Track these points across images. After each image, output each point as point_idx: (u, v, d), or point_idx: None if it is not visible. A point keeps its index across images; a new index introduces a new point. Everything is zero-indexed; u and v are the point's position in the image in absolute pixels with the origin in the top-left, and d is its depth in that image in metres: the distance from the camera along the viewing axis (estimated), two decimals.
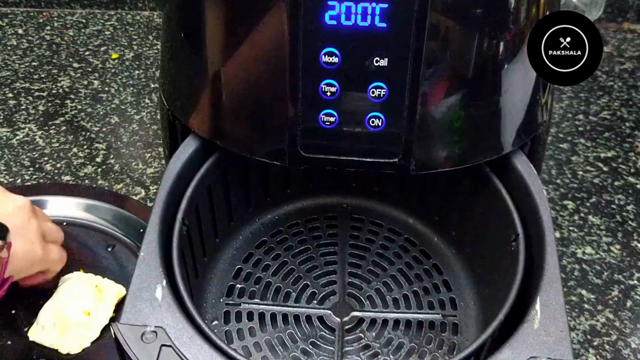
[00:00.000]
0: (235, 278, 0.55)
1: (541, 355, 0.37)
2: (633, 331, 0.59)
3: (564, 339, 0.38)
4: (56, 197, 0.66)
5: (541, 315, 0.40)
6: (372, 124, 0.44)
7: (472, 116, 0.45)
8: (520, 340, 0.38)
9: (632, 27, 1.03)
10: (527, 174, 0.48)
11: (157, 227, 0.43)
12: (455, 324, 0.52)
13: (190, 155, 0.48)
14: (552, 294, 0.41)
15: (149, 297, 0.39)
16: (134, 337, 0.37)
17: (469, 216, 0.55)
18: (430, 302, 0.54)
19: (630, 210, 0.72)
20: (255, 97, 0.45)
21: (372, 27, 0.41)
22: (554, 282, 0.41)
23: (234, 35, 0.45)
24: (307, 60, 0.42)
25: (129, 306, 0.39)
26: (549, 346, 0.38)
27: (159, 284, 0.40)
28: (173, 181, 0.47)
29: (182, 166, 0.48)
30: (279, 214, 0.60)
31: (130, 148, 0.78)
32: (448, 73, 0.43)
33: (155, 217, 0.44)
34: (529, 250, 0.45)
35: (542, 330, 0.39)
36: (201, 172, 0.49)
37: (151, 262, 0.41)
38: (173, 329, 0.38)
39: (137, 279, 0.40)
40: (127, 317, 0.38)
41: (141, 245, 0.42)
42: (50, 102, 0.85)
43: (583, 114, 0.86)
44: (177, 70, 0.50)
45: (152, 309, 0.39)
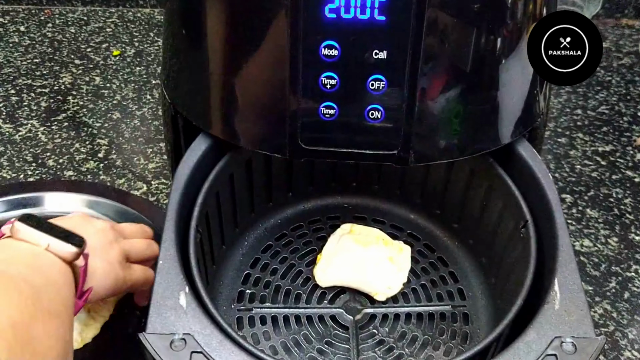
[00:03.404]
0: (245, 284, 0.55)
1: (565, 334, 0.38)
2: (630, 322, 0.60)
3: (584, 317, 0.39)
4: (58, 193, 0.67)
5: (560, 296, 0.40)
6: (372, 116, 0.44)
7: (470, 108, 0.46)
8: (543, 322, 0.39)
9: (630, 23, 1.03)
10: (531, 159, 0.48)
11: (172, 235, 0.43)
12: (466, 314, 0.53)
13: (199, 160, 0.49)
14: (569, 274, 0.42)
15: (173, 305, 0.39)
16: (163, 346, 0.37)
17: (471, 207, 0.55)
18: (439, 294, 0.55)
19: (628, 204, 0.72)
20: (256, 90, 0.46)
21: (371, 20, 0.41)
22: (569, 262, 0.42)
23: (234, 29, 0.45)
24: (307, 53, 0.42)
25: (154, 315, 0.39)
26: (571, 325, 0.39)
27: (181, 291, 0.40)
28: (183, 188, 0.47)
29: (190, 172, 0.48)
30: (282, 217, 0.60)
31: (132, 143, 0.78)
32: (446, 66, 0.44)
33: (170, 224, 0.44)
34: (538, 235, 0.45)
35: (563, 310, 0.40)
36: (210, 178, 0.49)
37: (171, 270, 0.41)
38: (201, 335, 0.38)
39: (159, 287, 0.40)
40: (154, 326, 0.38)
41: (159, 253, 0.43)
42: (52, 98, 0.86)
43: (581, 109, 0.87)
44: (179, 65, 0.51)
45: (178, 317, 0.39)
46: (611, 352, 0.57)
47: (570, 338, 0.38)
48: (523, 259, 0.45)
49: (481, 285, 0.55)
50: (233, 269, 0.56)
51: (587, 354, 0.38)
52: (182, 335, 0.38)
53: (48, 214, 0.64)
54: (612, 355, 0.57)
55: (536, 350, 0.38)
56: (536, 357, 0.38)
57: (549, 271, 0.43)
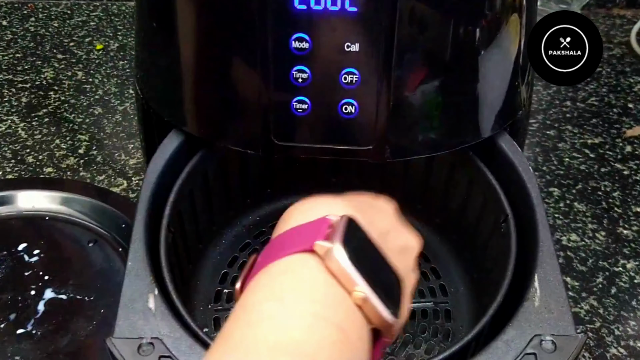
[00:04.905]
0: (222, 283, 0.54)
1: (544, 332, 0.37)
2: (617, 318, 0.59)
3: (565, 314, 0.39)
4: (37, 191, 0.66)
5: (540, 292, 0.40)
6: (345, 110, 0.43)
7: (447, 102, 0.44)
8: (523, 320, 0.38)
9: (621, 13, 1.02)
10: (511, 152, 0.47)
11: (142, 236, 0.42)
12: (448, 311, 0.52)
13: (171, 157, 0.47)
14: (549, 269, 0.41)
15: (141, 308, 0.38)
16: (130, 350, 0.36)
17: (452, 202, 0.54)
18: (421, 290, 0.54)
19: (616, 197, 0.71)
20: (227, 85, 0.45)
21: (342, 11, 0.40)
22: (549, 257, 0.41)
23: (204, 22, 0.44)
24: (277, 46, 0.41)
25: (122, 319, 0.37)
26: (551, 323, 0.38)
27: (150, 293, 0.39)
28: (154, 186, 0.45)
29: (162, 170, 0.46)
30: (260, 214, 0.59)
31: (113, 139, 0.77)
32: (421, 58, 0.42)
33: (140, 224, 0.43)
34: (519, 230, 0.45)
35: (543, 307, 0.39)
36: (182, 176, 0.48)
37: (140, 272, 0.40)
38: (170, 339, 0.37)
39: (127, 289, 0.39)
40: (121, 330, 0.37)
41: (128, 248, 0.41)
42: (33, 93, 0.84)
43: (571, 100, 0.85)
44: (150, 60, 0.49)
45: (147, 320, 0.37)
46: (597, 349, 0.56)
47: (550, 336, 0.37)
48: (504, 254, 0.45)
49: (464, 281, 0.54)
50: (210, 267, 0.55)
51: (567, 352, 0.37)
52: (150, 339, 0.37)
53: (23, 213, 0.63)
54: (597, 352, 0.56)
55: (515, 349, 0.37)
56: (515, 356, 0.37)
57: (529, 266, 0.42)
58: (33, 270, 0.59)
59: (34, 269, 0.59)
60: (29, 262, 0.60)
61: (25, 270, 0.59)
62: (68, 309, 0.56)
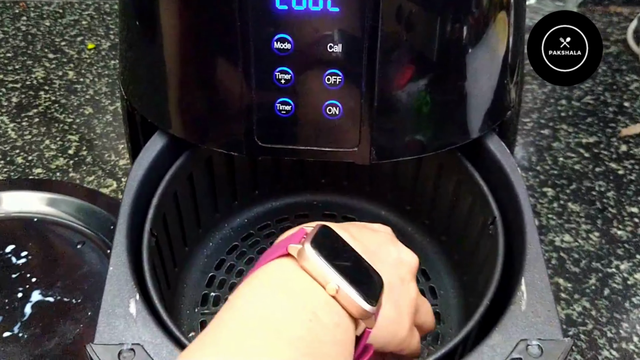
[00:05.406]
0: (209, 286, 0.53)
1: (531, 337, 0.37)
2: (610, 320, 0.58)
3: (552, 319, 0.38)
4: (26, 192, 0.65)
5: (527, 296, 0.39)
6: (329, 112, 0.42)
7: (433, 102, 0.44)
8: (509, 324, 0.38)
9: (618, 10, 1.01)
10: (499, 153, 0.47)
11: (124, 240, 0.41)
12: (437, 313, 0.52)
13: (154, 160, 0.46)
14: (537, 273, 0.40)
15: (122, 313, 0.37)
16: (111, 357, 0.35)
17: (441, 203, 0.54)
18: None
19: (611, 197, 0.70)
20: (211, 86, 0.44)
21: (324, 11, 0.39)
22: (537, 261, 0.41)
23: (186, 22, 0.43)
24: (259, 47, 0.40)
25: (103, 324, 0.37)
26: (538, 327, 0.37)
27: (132, 298, 0.38)
28: (137, 189, 0.45)
29: (145, 172, 0.46)
30: (248, 216, 0.58)
31: (103, 139, 0.77)
32: (406, 58, 0.42)
33: (122, 227, 0.42)
34: (507, 232, 0.44)
35: (530, 311, 0.38)
36: (166, 179, 0.47)
37: (122, 277, 0.39)
38: (151, 345, 0.36)
39: (108, 294, 0.38)
40: (102, 336, 0.36)
41: (111, 251, 0.40)
42: (23, 93, 0.84)
43: (566, 99, 0.85)
44: (132, 60, 0.49)
45: (128, 326, 0.37)
46: (589, 351, 0.56)
47: (536, 340, 0.37)
48: (492, 257, 0.44)
49: (453, 283, 0.54)
50: (197, 271, 0.54)
51: (553, 356, 0.36)
52: (131, 345, 0.36)
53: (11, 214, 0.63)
54: (589, 354, 0.56)
55: (501, 354, 0.37)
56: None
57: (517, 269, 0.41)
58: (20, 272, 0.58)
59: (21, 271, 0.58)
60: (17, 264, 0.59)
61: (13, 272, 0.58)
62: (55, 311, 0.55)
